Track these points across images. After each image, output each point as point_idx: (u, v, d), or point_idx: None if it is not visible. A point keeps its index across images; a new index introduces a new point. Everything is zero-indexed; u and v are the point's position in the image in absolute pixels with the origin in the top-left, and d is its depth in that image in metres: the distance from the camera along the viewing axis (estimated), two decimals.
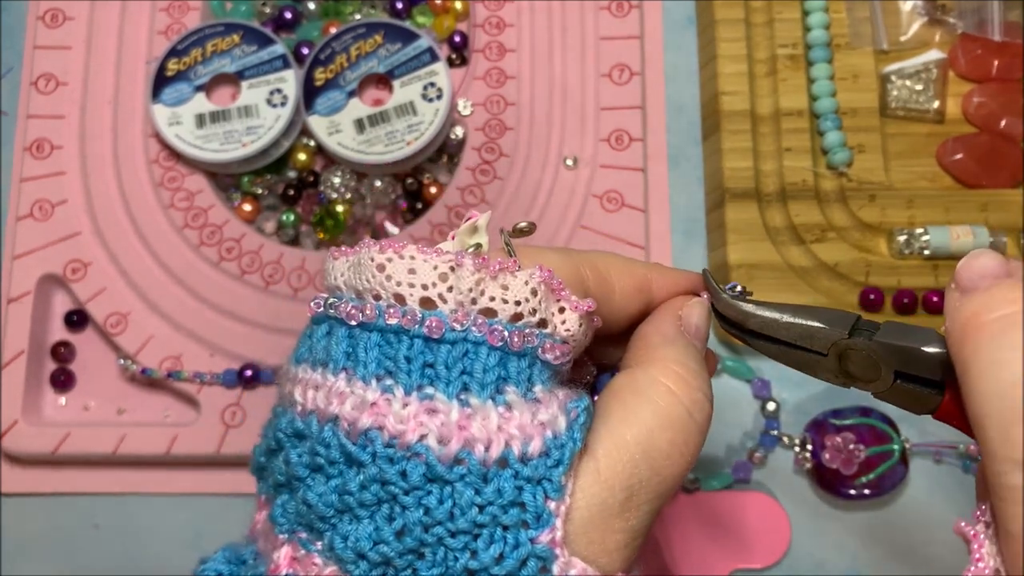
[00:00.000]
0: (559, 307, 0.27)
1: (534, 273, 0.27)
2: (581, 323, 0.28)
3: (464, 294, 0.26)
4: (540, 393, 0.26)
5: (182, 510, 0.51)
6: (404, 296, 0.26)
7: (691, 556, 0.49)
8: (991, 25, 0.54)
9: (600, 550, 0.25)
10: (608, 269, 0.30)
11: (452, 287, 0.26)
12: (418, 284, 0.26)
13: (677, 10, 0.58)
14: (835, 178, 0.52)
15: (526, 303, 0.26)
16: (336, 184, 0.54)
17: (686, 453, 0.27)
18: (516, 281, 0.27)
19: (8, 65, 0.58)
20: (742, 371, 0.52)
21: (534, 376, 0.26)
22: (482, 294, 0.26)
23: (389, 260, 0.26)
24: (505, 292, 0.26)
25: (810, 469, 0.50)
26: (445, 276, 0.26)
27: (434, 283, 0.26)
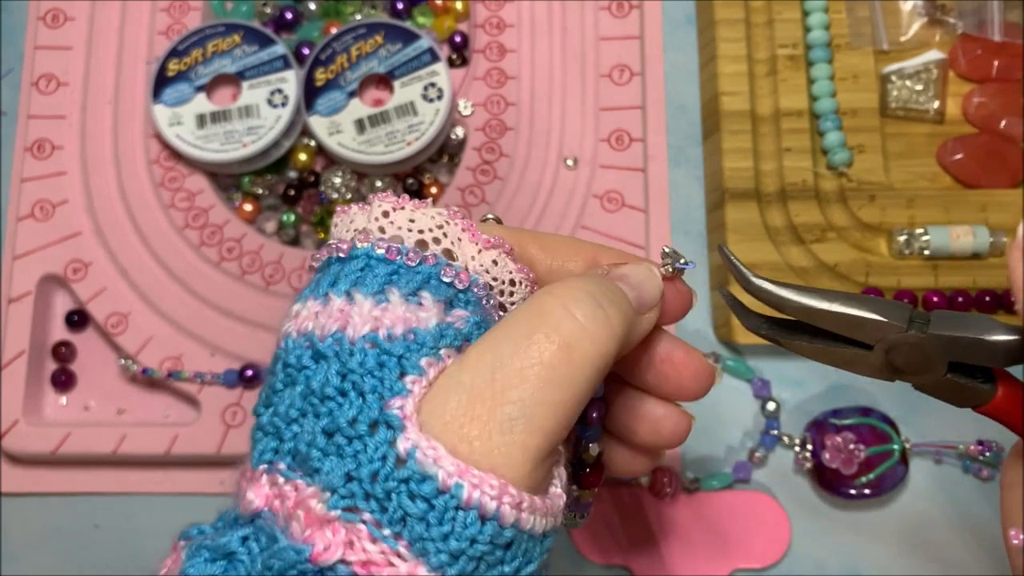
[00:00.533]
0: (477, 249, 0.30)
1: (442, 211, 0.30)
2: (495, 260, 0.30)
3: (372, 223, 0.30)
4: (426, 300, 0.28)
5: (182, 510, 0.51)
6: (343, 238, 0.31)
7: (691, 556, 0.49)
8: (991, 25, 0.54)
9: (458, 435, 0.25)
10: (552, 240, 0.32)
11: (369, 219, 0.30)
12: (352, 229, 0.31)
13: (677, 10, 0.58)
14: (835, 178, 0.52)
15: (429, 232, 0.30)
16: (337, 184, 0.54)
17: (555, 340, 0.26)
18: (423, 215, 0.30)
19: (9, 65, 0.58)
20: (742, 371, 0.52)
21: (425, 288, 0.29)
22: (391, 224, 0.30)
23: (340, 218, 0.32)
24: (412, 223, 0.30)
25: (810, 469, 0.50)
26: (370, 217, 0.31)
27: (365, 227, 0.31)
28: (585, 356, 0.26)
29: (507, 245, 0.30)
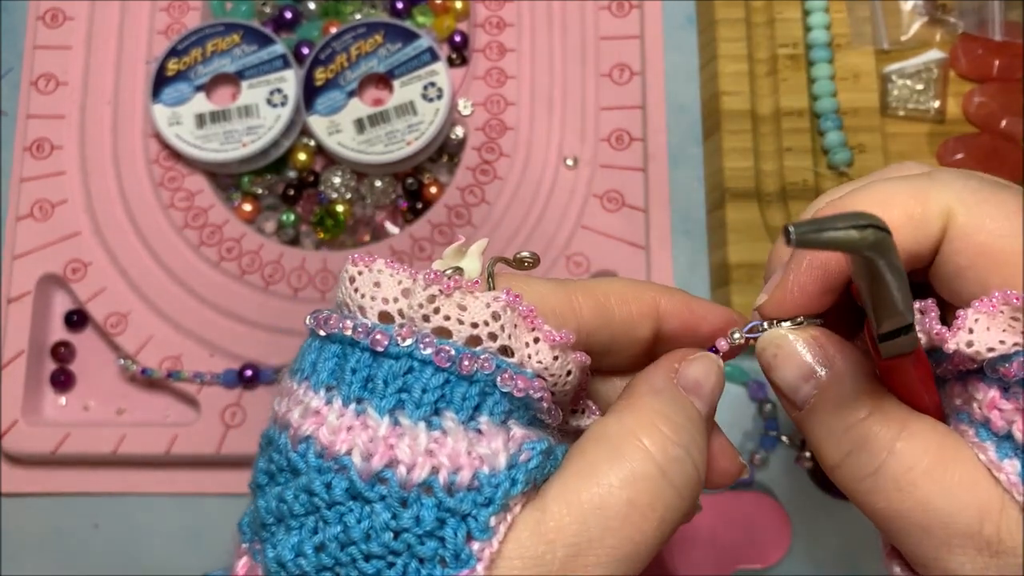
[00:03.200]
0: (532, 338, 0.25)
1: (499, 296, 0.25)
2: (556, 356, 0.25)
3: (415, 310, 0.25)
4: (485, 425, 0.24)
5: (182, 510, 0.51)
6: (366, 308, 0.25)
7: (691, 556, 0.49)
8: (991, 25, 0.54)
9: None
10: (608, 295, 0.27)
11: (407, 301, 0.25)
12: (379, 297, 0.25)
13: (677, 10, 0.58)
14: (836, 178, 0.52)
15: (484, 327, 0.25)
16: (336, 184, 0.54)
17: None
18: (476, 302, 0.25)
19: (8, 65, 0.58)
20: (735, 375, 0.52)
21: (483, 407, 0.24)
22: (436, 312, 0.25)
23: (359, 273, 0.26)
24: (462, 313, 0.25)
25: (810, 469, 0.50)
26: (408, 292, 0.25)
27: (396, 298, 0.25)
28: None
29: (570, 338, 0.26)
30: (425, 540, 0.23)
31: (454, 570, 0.23)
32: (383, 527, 0.23)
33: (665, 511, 0.24)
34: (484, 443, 0.24)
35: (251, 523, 0.26)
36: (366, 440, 0.24)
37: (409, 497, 0.23)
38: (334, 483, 0.23)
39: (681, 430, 0.25)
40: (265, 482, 0.26)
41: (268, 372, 0.51)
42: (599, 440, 0.25)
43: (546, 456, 0.25)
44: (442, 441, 0.24)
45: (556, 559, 0.23)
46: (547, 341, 0.25)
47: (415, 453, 0.23)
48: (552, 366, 0.25)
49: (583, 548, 0.23)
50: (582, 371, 0.27)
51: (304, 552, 0.23)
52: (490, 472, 0.23)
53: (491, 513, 0.23)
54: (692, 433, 0.25)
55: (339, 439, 0.24)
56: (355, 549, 0.23)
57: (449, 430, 0.24)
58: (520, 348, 0.25)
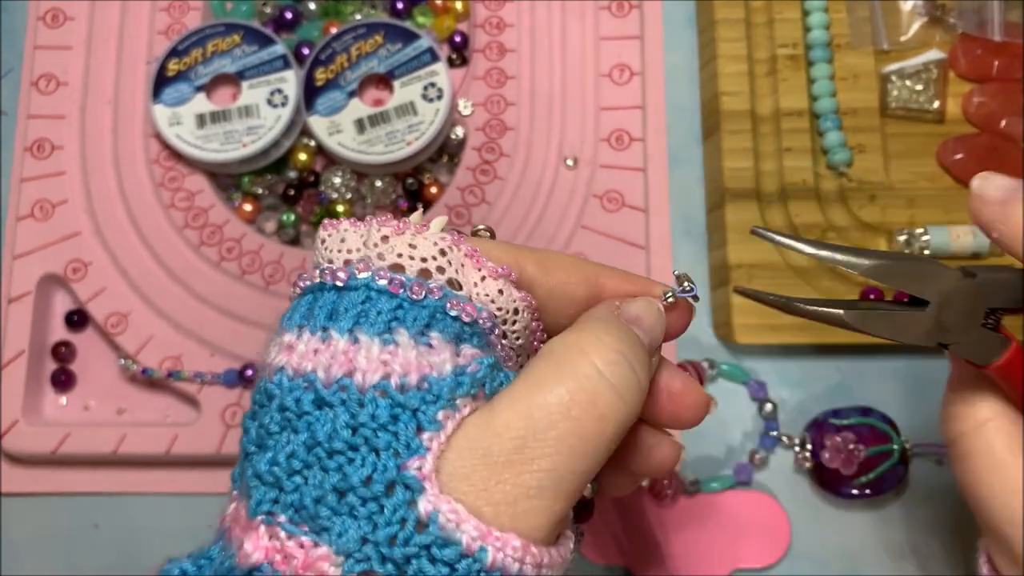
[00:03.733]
0: (480, 276, 0.29)
1: (444, 236, 0.29)
2: (501, 290, 0.29)
3: (371, 249, 0.28)
4: (435, 340, 0.27)
5: (182, 510, 0.51)
6: (333, 260, 0.29)
7: (691, 556, 0.49)
8: (991, 25, 0.54)
9: (483, 499, 0.25)
10: (547, 257, 0.30)
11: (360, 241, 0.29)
12: (344, 249, 0.29)
13: (677, 10, 0.58)
14: (835, 178, 0.52)
15: (433, 260, 0.28)
16: (336, 184, 0.54)
17: (591, 411, 0.26)
18: (424, 240, 0.28)
19: (8, 65, 0.58)
20: (737, 374, 0.52)
21: (433, 326, 0.27)
22: (390, 251, 0.28)
23: (329, 235, 0.30)
24: (412, 250, 0.28)
25: (810, 469, 0.50)
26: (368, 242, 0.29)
27: (359, 248, 0.29)
28: (618, 425, 0.26)
29: (512, 273, 0.29)
30: (380, 433, 0.25)
31: (405, 458, 0.25)
32: (343, 425, 0.25)
33: (605, 408, 0.26)
34: (435, 354, 0.27)
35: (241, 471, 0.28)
36: (328, 356, 0.26)
37: (365, 398, 0.26)
38: (302, 397, 0.26)
39: (619, 340, 0.28)
40: (248, 424, 0.28)
41: None
42: (544, 355, 0.27)
43: (494, 368, 0.27)
44: (395, 352, 0.26)
45: (503, 450, 0.25)
46: (491, 275, 0.29)
47: (370, 361, 0.26)
48: (499, 300, 0.29)
49: (528, 441, 0.25)
50: (532, 313, 0.30)
51: (277, 461, 0.26)
52: (438, 375, 0.26)
53: (439, 408, 0.26)
54: (630, 345, 0.28)
55: (306, 360, 0.27)
56: (320, 449, 0.25)
57: (401, 343, 0.26)
58: (469, 284, 0.28)
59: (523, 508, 0.25)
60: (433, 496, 0.24)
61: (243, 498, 0.27)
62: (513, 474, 0.25)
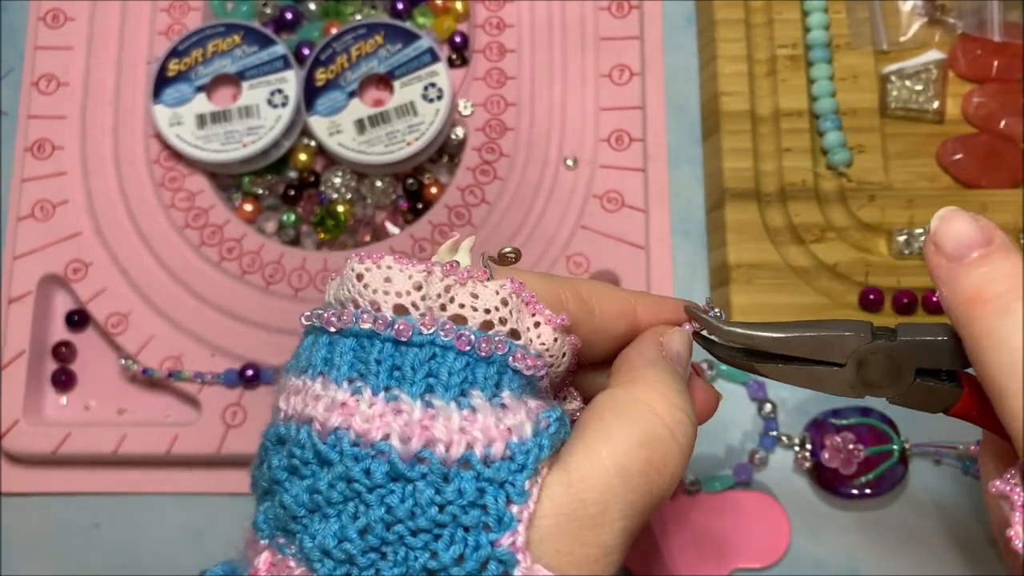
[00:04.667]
0: (534, 322, 0.28)
1: (505, 284, 0.27)
2: (556, 338, 0.28)
3: (433, 300, 0.27)
4: (508, 400, 0.26)
5: (182, 510, 0.51)
6: (379, 303, 0.27)
7: (691, 556, 0.49)
8: (991, 25, 0.54)
9: (568, 562, 0.25)
10: (590, 294, 0.30)
11: (424, 295, 0.27)
12: (392, 292, 0.27)
13: (677, 10, 0.58)
14: (835, 178, 0.52)
15: (495, 312, 0.27)
16: (337, 184, 0.54)
17: (664, 473, 0.27)
18: (486, 290, 0.27)
19: (9, 65, 0.58)
20: (736, 375, 0.52)
21: (502, 383, 0.27)
22: (451, 301, 0.27)
23: (367, 270, 0.28)
24: (475, 300, 0.27)
25: (810, 469, 0.50)
26: (419, 285, 0.27)
27: (408, 291, 0.27)
28: (678, 479, 0.28)
29: (567, 320, 0.28)
30: (468, 510, 0.25)
31: (498, 533, 0.25)
32: (428, 503, 0.25)
33: (675, 468, 0.27)
34: (510, 416, 0.26)
35: (270, 519, 0.27)
36: (402, 424, 0.25)
37: (450, 472, 0.25)
38: (373, 468, 0.25)
39: (680, 396, 0.28)
40: (284, 477, 0.27)
41: (269, 372, 0.51)
42: (614, 408, 0.27)
43: (561, 422, 0.27)
44: (472, 418, 0.26)
45: (587, 514, 0.25)
46: (548, 324, 0.28)
47: (450, 431, 0.25)
48: (552, 347, 0.28)
49: (609, 503, 0.26)
50: (573, 355, 0.30)
51: (348, 536, 0.25)
52: (519, 441, 0.26)
53: (525, 478, 0.25)
54: (687, 398, 0.29)
55: (374, 426, 0.25)
56: (401, 527, 0.25)
57: (478, 407, 0.26)
58: (524, 331, 0.28)
59: (601, 565, 0.26)
60: (526, 567, 0.25)
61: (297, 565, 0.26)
62: (594, 536, 0.26)
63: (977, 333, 0.25)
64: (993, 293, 0.25)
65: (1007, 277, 0.25)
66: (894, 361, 0.29)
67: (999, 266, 0.25)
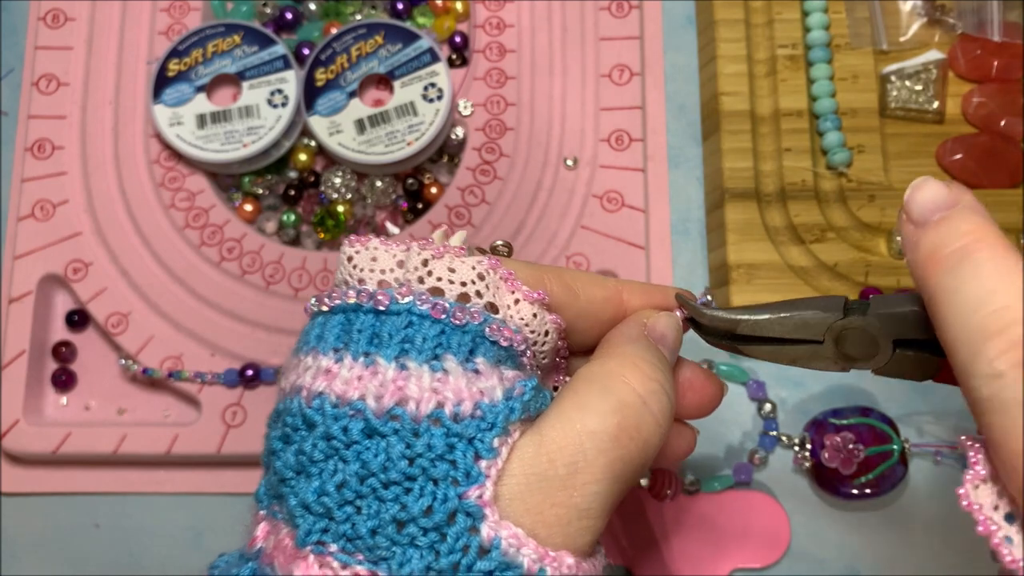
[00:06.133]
0: (514, 299, 0.29)
1: (482, 260, 0.29)
2: (535, 314, 0.29)
3: (411, 272, 0.28)
4: (481, 366, 0.27)
5: (182, 510, 0.51)
6: (365, 280, 0.29)
7: (691, 556, 0.49)
8: (991, 25, 0.54)
9: (538, 521, 0.26)
10: (574, 279, 0.31)
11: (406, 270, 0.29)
12: (377, 269, 0.29)
13: (677, 10, 0.58)
14: (835, 178, 0.52)
15: (472, 285, 0.28)
16: (337, 184, 0.54)
17: (636, 438, 0.27)
18: (463, 265, 0.28)
19: (9, 66, 0.58)
20: (736, 374, 0.52)
21: (476, 351, 0.27)
22: (429, 274, 0.28)
23: (356, 252, 0.29)
24: (451, 274, 0.28)
25: (809, 468, 0.50)
26: (401, 262, 0.29)
27: (392, 268, 0.29)
28: (656, 447, 0.28)
29: (545, 296, 0.29)
30: (437, 463, 0.26)
31: (465, 487, 0.25)
32: (399, 456, 0.26)
33: (648, 435, 0.28)
34: (483, 380, 0.27)
35: (268, 490, 0.28)
36: (377, 384, 0.26)
37: (420, 428, 0.26)
38: (350, 426, 0.26)
39: (655, 368, 0.29)
40: (280, 447, 0.28)
41: (269, 372, 0.51)
42: (588, 379, 0.28)
43: (537, 391, 0.28)
44: (445, 380, 0.27)
45: (557, 475, 0.26)
46: (526, 299, 0.29)
47: (422, 389, 0.26)
48: (532, 323, 0.29)
49: (580, 466, 0.26)
50: (559, 335, 0.31)
51: (327, 491, 0.26)
52: (490, 402, 0.27)
53: (494, 435, 0.26)
54: (664, 371, 0.29)
55: (352, 387, 0.27)
56: (374, 480, 0.25)
57: (450, 370, 0.27)
58: (504, 308, 0.29)
59: (574, 528, 0.26)
60: (494, 522, 0.25)
61: (285, 525, 0.27)
62: (565, 496, 0.26)
63: (931, 291, 0.25)
64: (947, 251, 0.25)
65: (963, 235, 0.25)
66: (869, 334, 0.30)
67: (956, 225, 0.25)
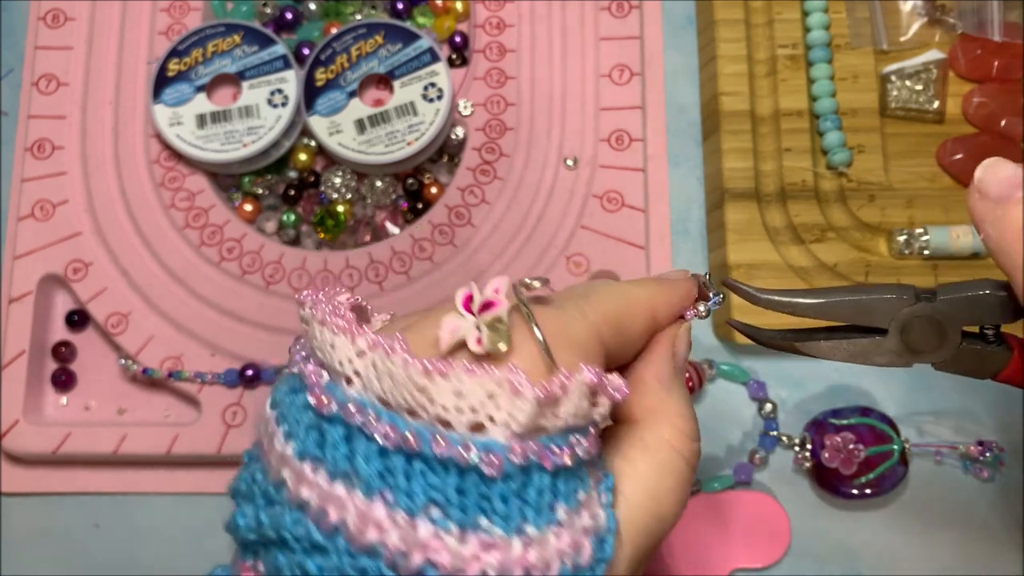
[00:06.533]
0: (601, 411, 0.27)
1: (582, 380, 0.25)
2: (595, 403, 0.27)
3: (519, 423, 0.24)
4: (582, 496, 0.26)
5: (182, 510, 0.51)
6: (451, 422, 0.24)
7: (691, 556, 0.49)
8: (991, 25, 0.54)
9: None
10: (619, 316, 0.29)
11: (508, 412, 0.24)
12: (467, 408, 0.24)
13: (677, 10, 0.58)
14: (835, 178, 0.52)
15: (577, 415, 0.25)
16: (337, 184, 0.54)
17: (682, 496, 0.29)
18: (570, 398, 0.25)
19: (9, 66, 0.58)
20: (737, 374, 0.52)
21: (577, 482, 0.26)
22: (556, 416, 0.25)
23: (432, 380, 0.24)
24: (557, 409, 0.25)
25: (810, 468, 0.50)
26: (494, 395, 0.24)
27: (483, 403, 0.24)
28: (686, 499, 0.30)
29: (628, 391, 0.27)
30: None
31: None
32: None
33: (689, 486, 0.29)
34: (586, 514, 0.25)
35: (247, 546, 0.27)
36: (498, 559, 0.23)
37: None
38: None
39: (692, 420, 0.29)
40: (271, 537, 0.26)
41: (269, 372, 0.51)
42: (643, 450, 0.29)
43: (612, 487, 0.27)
44: (559, 533, 0.25)
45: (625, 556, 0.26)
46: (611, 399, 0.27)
47: (546, 556, 0.24)
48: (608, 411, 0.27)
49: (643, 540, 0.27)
50: None
51: None
52: (598, 537, 0.25)
53: (605, 565, 0.25)
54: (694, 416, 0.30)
55: (469, 566, 0.23)
56: None
57: (563, 521, 0.25)
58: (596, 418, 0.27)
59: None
60: None
61: None
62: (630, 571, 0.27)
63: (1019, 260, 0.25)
64: None
65: None
66: (938, 323, 0.28)
67: None
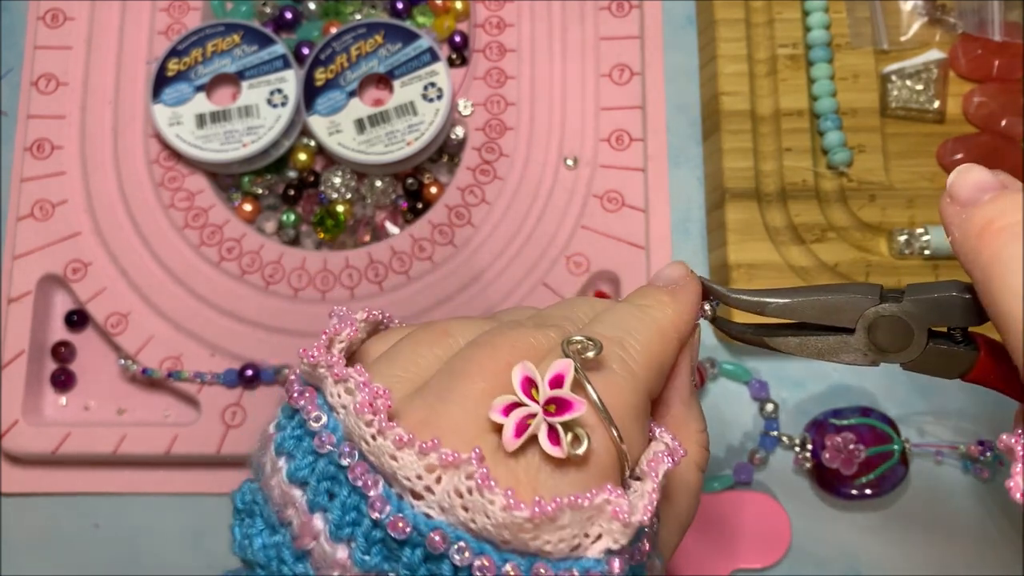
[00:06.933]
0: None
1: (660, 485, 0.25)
2: None
3: (619, 544, 0.24)
4: None
5: (182, 510, 0.51)
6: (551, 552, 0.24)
7: (691, 556, 0.49)
8: (991, 25, 0.54)
9: None
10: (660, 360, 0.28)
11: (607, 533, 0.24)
12: (568, 537, 0.24)
13: (677, 10, 0.58)
14: (835, 178, 0.52)
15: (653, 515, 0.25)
16: (336, 184, 0.54)
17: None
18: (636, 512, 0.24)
19: (8, 65, 0.58)
20: (739, 374, 0.52)
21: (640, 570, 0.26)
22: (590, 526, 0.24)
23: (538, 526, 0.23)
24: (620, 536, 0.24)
25: (810, 469, 0.50)
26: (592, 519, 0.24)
27: (582, 527, 0.24)
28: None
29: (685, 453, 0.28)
30: None
31: None
32: None
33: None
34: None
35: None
36: None
37: None
38: None
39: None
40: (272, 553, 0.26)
41: (269, 372, 0.51)
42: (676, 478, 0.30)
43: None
44: None
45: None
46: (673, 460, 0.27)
47: None
48: None
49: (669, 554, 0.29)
50: None
51: None
52: None
53: None
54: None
55: None
56: None
57: None
58: None
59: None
60: None
61: None
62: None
63: (986, 261, 0.24)
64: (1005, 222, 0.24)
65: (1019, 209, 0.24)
66: (904, 323, 0.28)
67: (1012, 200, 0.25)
